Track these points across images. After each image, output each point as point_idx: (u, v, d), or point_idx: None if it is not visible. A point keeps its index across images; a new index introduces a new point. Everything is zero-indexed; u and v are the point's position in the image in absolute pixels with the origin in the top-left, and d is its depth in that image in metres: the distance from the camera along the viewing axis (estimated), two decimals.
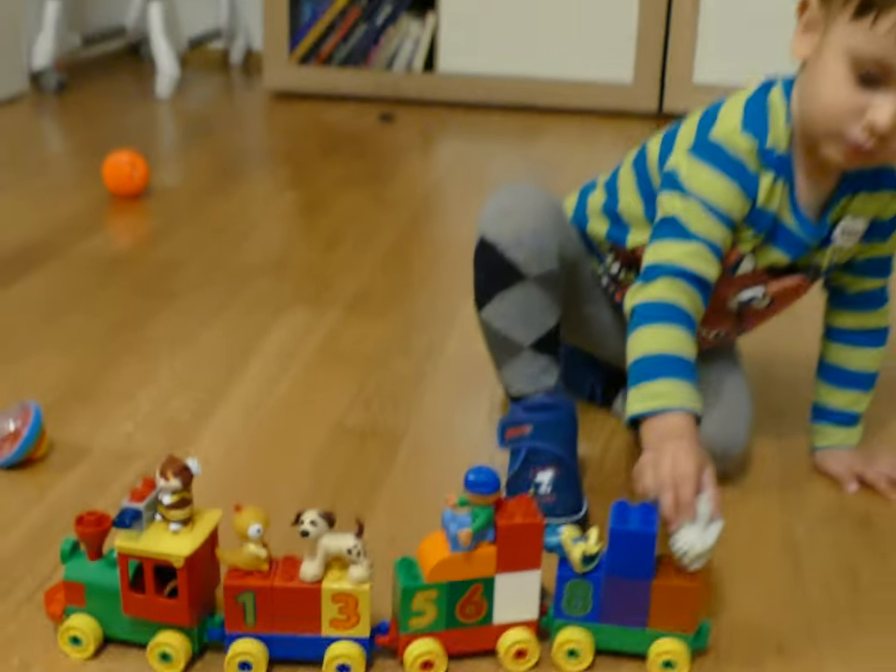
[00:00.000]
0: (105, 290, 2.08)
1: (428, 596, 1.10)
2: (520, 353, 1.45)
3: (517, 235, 1.41)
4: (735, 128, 1.33)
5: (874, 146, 1.24)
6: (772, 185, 1.34)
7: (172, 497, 1.07)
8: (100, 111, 3.61)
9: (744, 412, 1.50)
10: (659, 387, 1.25)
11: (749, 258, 1.39)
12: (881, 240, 1.44)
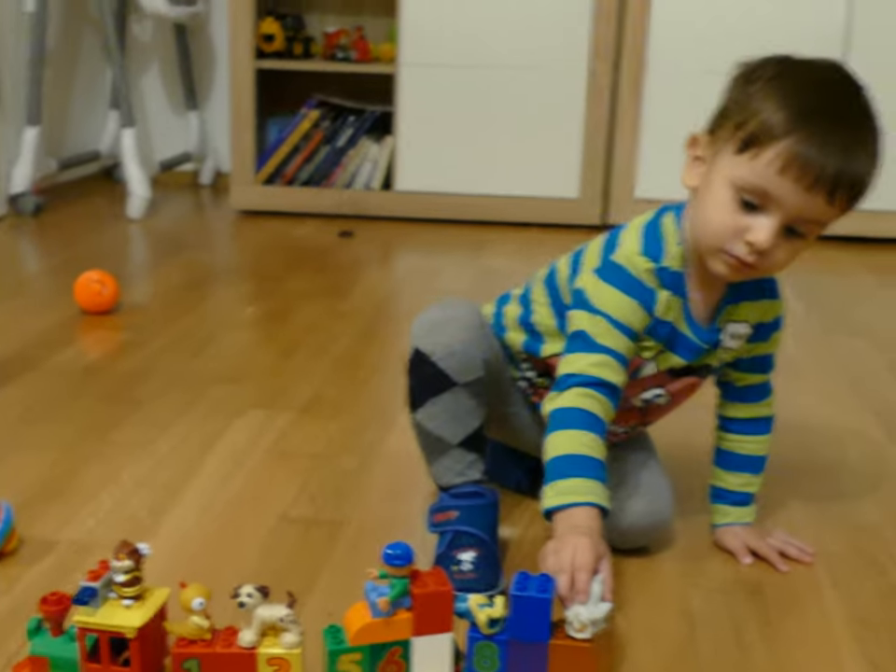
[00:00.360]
0: (75, 399, 2.22)
1: (353, 658, 1.23)
2: (449, 450, 1.60)
3: (448, 347, 1.56)
4: (634, 251, 1.50)
5: (755, 261, 1.41)
6: (668, 299, 1.50)
7: (124, 576, 1.21)
8: (75, 232, 3.75)
9: (665, 493, 1.65)
10: (570, 485, 1.41)
11: (651, 362, 1.56)
12: (763, 341, 1.61)
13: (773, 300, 1.60)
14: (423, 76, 3.96)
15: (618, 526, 1.59)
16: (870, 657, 1.40)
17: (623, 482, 1.63)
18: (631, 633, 1.44)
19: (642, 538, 1.64)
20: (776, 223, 1.38)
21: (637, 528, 1.62)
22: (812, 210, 1.38)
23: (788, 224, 1.39)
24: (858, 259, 3.66)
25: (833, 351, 2.68)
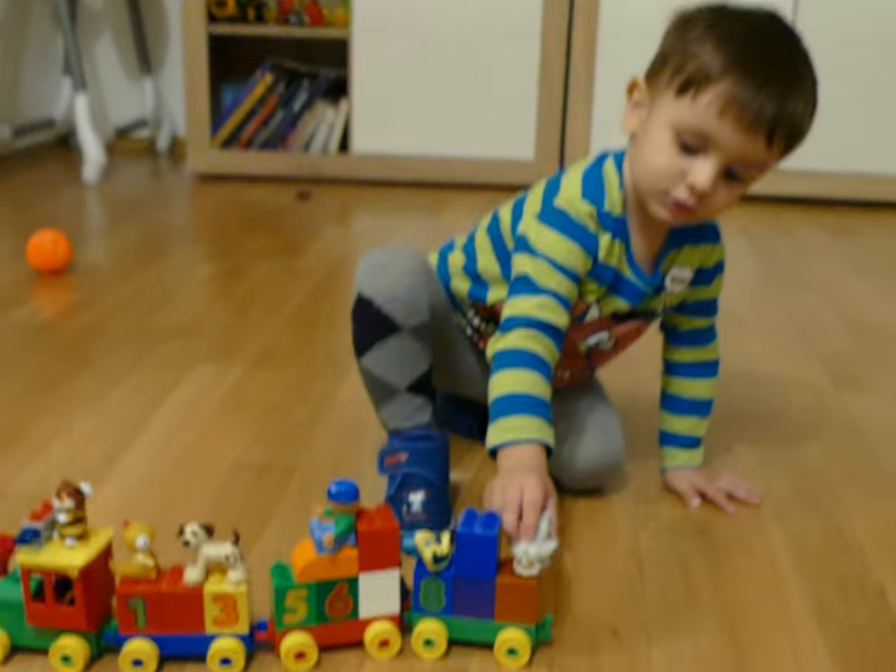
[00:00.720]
0: (27, 356, 2.21)
1: (299, 595, 1.24)
2: (396, 395, 1.60)
3: (393, 291, 1.56)
4: (576, 196, 1.51)
5: (695, 203, 1.42)
6: (610, 243, 1.51)
7: (67, 516, 1.20)
8: (29, 197, 3.73)
9: (617, 436, 1.67)
10: (513, 422, 1.42)
11: (595, 307, 1.56)
12: (706, 285, 1.63)
13: (714, 243, 1.61)
14: (377, 39, 3.95)
15: (571, 470, 1.61)
16: (816, 594, 1.42)
17: (576, 426, 1.64)
18: (579, 571, 1.46)
19: (595, 479, 1.66)
20: (716, 165, 1.38)
21: (591, 471, 1.63)
22: (751, 152, 1.38)
23: (727, 167, 1.39)
24: (809, 219, 3.69)
25: (784, 304, 2.70)
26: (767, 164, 1.42)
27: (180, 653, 1.24)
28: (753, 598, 1.40)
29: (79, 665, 1.23)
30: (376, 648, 1.27)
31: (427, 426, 1.61)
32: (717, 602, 1.40)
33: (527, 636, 1.26)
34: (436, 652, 1.28)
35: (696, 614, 1.37)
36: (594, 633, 1.33)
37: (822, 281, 2.94)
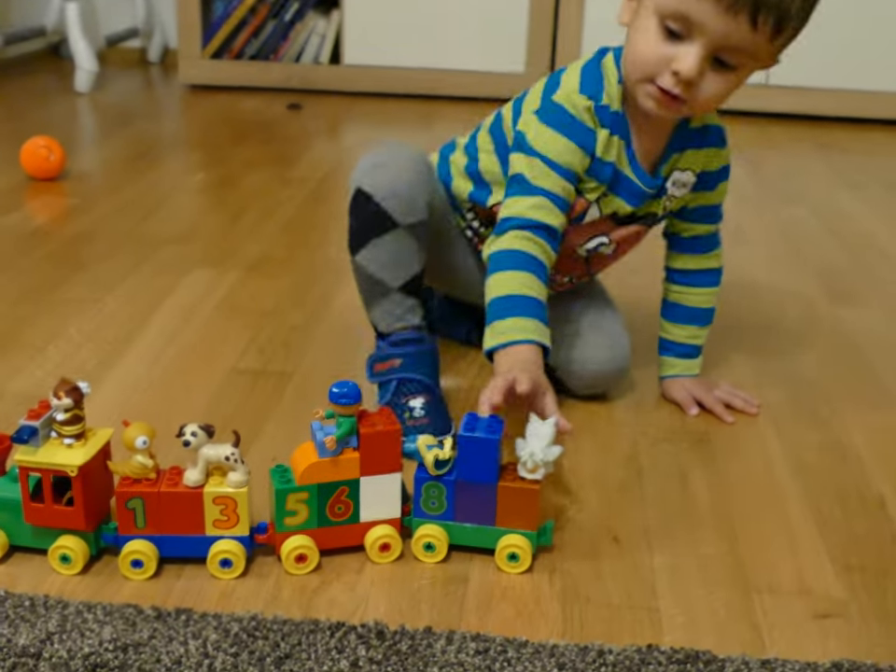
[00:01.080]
0: (21, 260, 2.19)
1: (300, 497, 1.23)
2: (389, 294, 1.59)
3: (392, 187, 1.54)
4: (573, 89, 1.48)
5: (681, 92, 1.38)
6: (608, 139, 1.49)
7: (65, 415, 1.19)
8: (21, 105, 3.69)
9: (623, 340, 1.66)
10: (508, 324, 1.42)
11: (595, 206, 1.54)
12: (709, 190, 1.60)
13: (718, 147, 1.58)
14: None
15: (578, 373, 1.62)
16: (815, 504, 1.42)
17: (582, 329, 1.64)
18: (578, 478, 1.45)
19: (602, 384, 1.65)
20: (700, 50, 1.34)
21: (598, 374, 1.63)
22: (736, 36, 1.33)
23: (714, 52, 1.35)
24: (796, 135, 3.66)
25: (776, 219, 2.68)
26: (758, 50, 1.36)
27: (180, 555, 1.24)
28: (752, 508, 1.40)
29: (78, 566, 1.22)
30: (377, 552, 1.27)
31: (417, 328, 1.60)
32: (716, 511, 1.39)
33: (529, 541, 1.26)
34: (436, 557, 1.27)
35: (696, 522, 1.37)
36: (594, 539, 1.32)
37: (812, 196, 2.92)
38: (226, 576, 1.23)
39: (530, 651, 1.12)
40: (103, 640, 1.11)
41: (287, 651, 1.10)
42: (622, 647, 1.12)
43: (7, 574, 1.22)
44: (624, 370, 1.66)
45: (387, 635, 1.13)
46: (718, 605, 1.21)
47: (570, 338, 1.62)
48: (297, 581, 1.23)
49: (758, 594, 1.23)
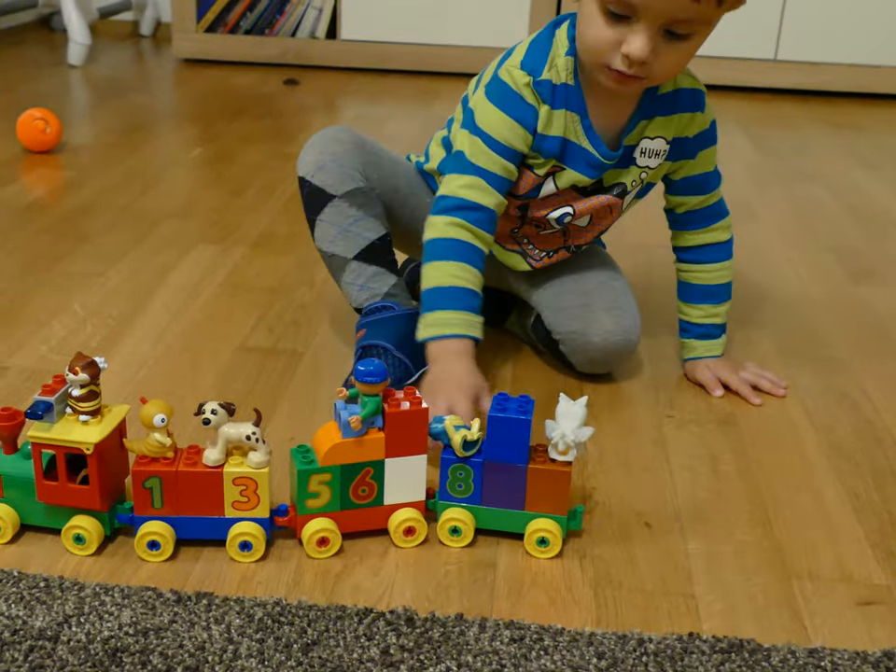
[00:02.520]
0: (19, 233, 2.14)
1: (323, 479, 1.18)
2: (347, 266, 1.58)
3: (318, 162, 1.57)
4: (515, 64, 1.46)
5: (637, 71, 1.35)
6: (549, 114, 1.45)
7: (81, 390, 1.14)
8: (13, 78, 3.64)
9: (632, 311, 1.60)
10: (438, 317, 1.43)
11: (550, 180, 1.51)
12: (689, 158, 1.55)
13: (692, 112, 1.52)
14: None
15: (585, 345, 1.57)
16: (850, 487, 1.38)
17: (589, 301, 1.59)
18: (604, 461, 1.41)
19: (611, 359, 1.59)
20: (647, 32, 1.31)
21: (605, 347, 1.57)
22: (680, 9, 1.29)
23: (663, 28, 1.32)
24: (807, 111, 3.63)
25: (790, 197, 2.64)
26: (708, 17, 1.33)
27: (197, 537, 1.20)
28: (786, 492, 1.36)
29: (92, 546, 1.18)
30: (401, 536, 1.23)
31: (386, 296, 1.58)
32: (749, 495, 1.35)
33: (559, 525, 1.22)
34: (463, 541, 1.23)
35: (729, 507, 1.33)
36: (625, 524, 1.28)
37: (826, 173, 2.88)
38: (245, 559, 1.19)
39: (567, 638, 1.08)
40: (122, 624, 1.07)
41: (314, 638, 1.06)
42: (662, 635, 1.08)
43: (19, 553, 1.18)
44: (632, 343, 1.59)
45: (417, 622, 1.09)
46: (756, 591, 1.17)
47: (573, 310, 1.58)
48: (319, 565, 1.19)
49: (798, 580, 1.19)
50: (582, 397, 1.22)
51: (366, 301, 1.57)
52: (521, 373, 1.64)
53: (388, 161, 1.65)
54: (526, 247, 1.59)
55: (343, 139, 1.59)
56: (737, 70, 3.75)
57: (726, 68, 3.73)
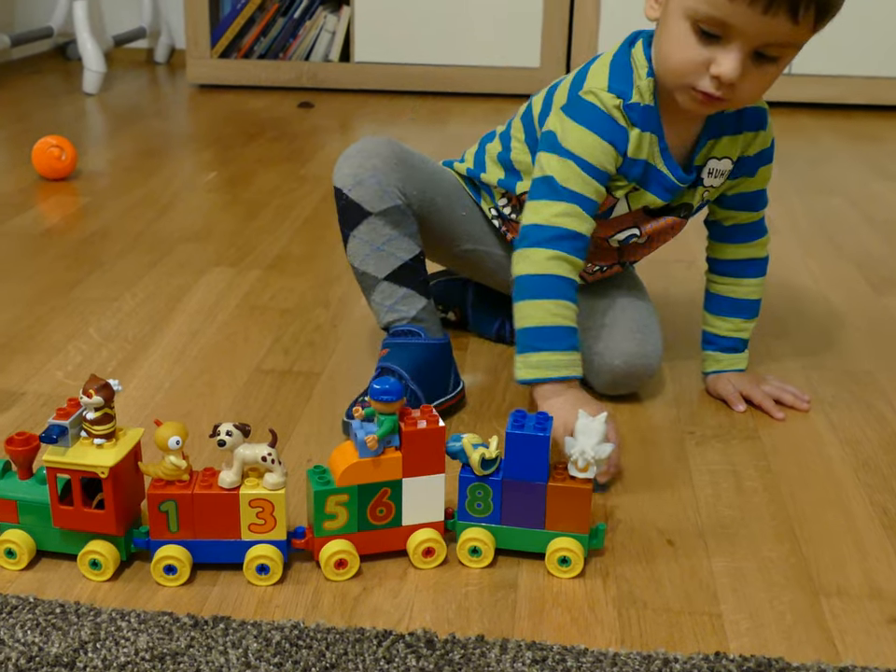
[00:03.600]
0: (35, 260, 2.14)
1: (340, 500, 1.17)
2: (377, 285, 1.56)
3: (356, 177, 1.53)
4: (602, 87, 1.42)
5: (724, 94, 1.33)
6: (640, 136, 1.43)
7: (95, 413, 1.13)
8: (29, 106, 3.64)
9: (655, 334, 1.59)
10: (542, 358, 1.40)
11: (624, 201, 1.49)
12: (748, 176, 1.54)
13: (756, 132, 1.51)
14: None
15: (606, 367, 1.55)
16: (879, 503, 1.35)
17: (612, 322, 1.57)
18: (626, 477, 1.39)
19: (632, 381, 1.58)
20: (739, 53, 1.29)
21: (626, 369, 1.55)
22: (777, 33, 1.28)
23: (755, 50, 1.30)
24: (825, 124, 3.61)
25: (810, 209, 2.62)
26: (800, 41, 1.31)
27: (214, 560, 1.18)
28: (812, 507, 1.34)
29: (109, 572, 1.17)
30: (420, 557, 1.21)
31: (414, 320, 1.56)
32: (774, 511, 1.33)
33: (580, 544, 1.20)
34: (483, 562, 1.21)
35: (753, 523, 1.30)
36: (648, 541, 1.26)
37: (846, 185, 2.86)
38: (263, 583, 1.17)
39: (590, 659, 1.06)
40: (139, 649, 1.05)
41: (332, 661, 1.05)
42: (687, 655, 1.06)
43: (35, 580, 1.17)
44: (653, 367, 1.57)
45: (437, 644, 1.07)
46: (784, 609, 1.14)
47: (595, 330, 1.57)
48: (337, 587, 1.17)
49: (826, 597, 1.16)
50: (601, 413, 1.20)
51: (393, 322, 1.56)
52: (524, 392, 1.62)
53: (428, 173, 1.62)
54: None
55: (383, 153, 1.55)
56: None
57: None
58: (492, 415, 1.55)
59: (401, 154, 1.58)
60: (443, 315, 1.83)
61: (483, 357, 1.73)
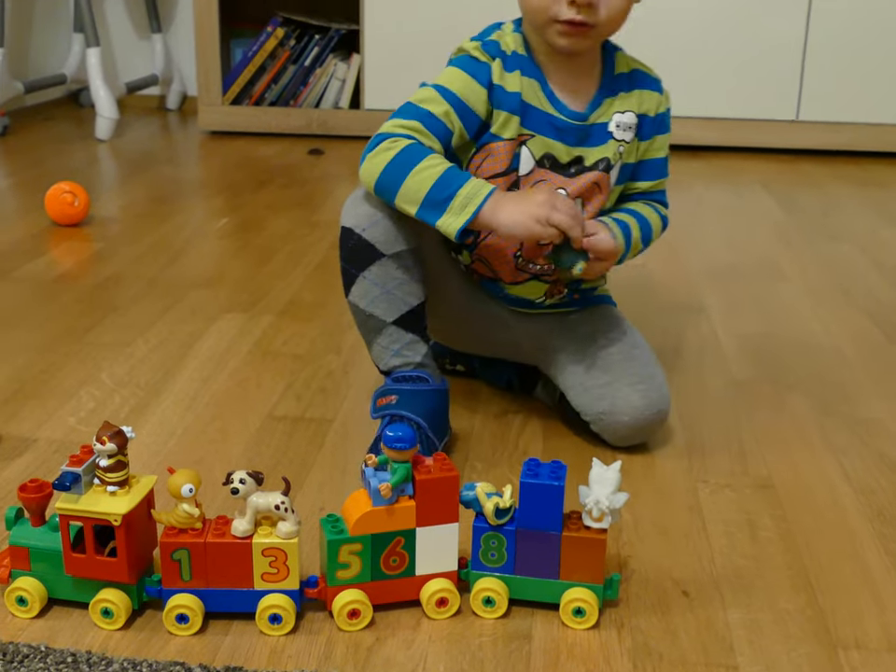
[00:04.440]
0: (48, 306, 2.14)
1: (353, 549, 1.16)
2: (384, 329, 1.54)
3: (372, 217, 1.50)
4: (466, 40, 1.53)
5: (586, 17, 1.42)
6: (502, 70, 1.49)
7: (108, 460, 1.13)
8: (42, 152, 3.66)
9: (660, 384, 1.57)
10: (459, 199, 1.41)
11: (526, 150, 1.51)
12: (653, 136, 1.58)
13: (650, 90, 1.57)
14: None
15: (616, 426, 1.54)
16: (894, 553, 1.34)
17: (614, 378, 1.56)
18: (640, 528, 1.39)
19: (643, 432, 1.57)
20: None
21: (635, 423, 1.54)
22: None
23: None
24: (831, 171, 3.60)
25: (819, 257, 2.61)
26: None
27: (227, 609, 1.17)
28: (828, 558, 1.33)
29: (120, 620, 1.16)
30: (433, 607, 1.20)
31: (419, 366, 1.55)
32: (789, 561, 1.32)
33: (595, 595, 1.19)
34: (496, 612, 1.21)
35: (769, 574, 1.29)
36: (663, 592, 1.25)
37: (853, 231, 2.86)
38: (275, 632, 1.16)
39: None
40: None
41: None
42: None
43: (46, 628, 1.16)
44: (663, 414, 1.56)
45: None
46: (802, 662, 1.13)
47: (597, 389, 1.55)
48: (350, 637, 1.16)
49: (844, 650, 1.15)
50: (616, 462, 1.19)
51: (398, 367, 1.55)
52: (552, 441, 1.61)
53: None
54: (534, 269, 1.57)
55: None
56: (759, 131, 3.75)
57: (748, 129, 3.74)
58: (504, 463, 1.54)
59: None
60: (452, 368, 1.83)
61: (494, 404, 1.72)
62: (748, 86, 3.70)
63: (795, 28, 3.63)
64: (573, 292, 1.65)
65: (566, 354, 1.61)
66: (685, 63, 3.66)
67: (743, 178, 2.94)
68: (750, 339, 2.00)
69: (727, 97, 3.71)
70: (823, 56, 3.62)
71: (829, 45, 3.61)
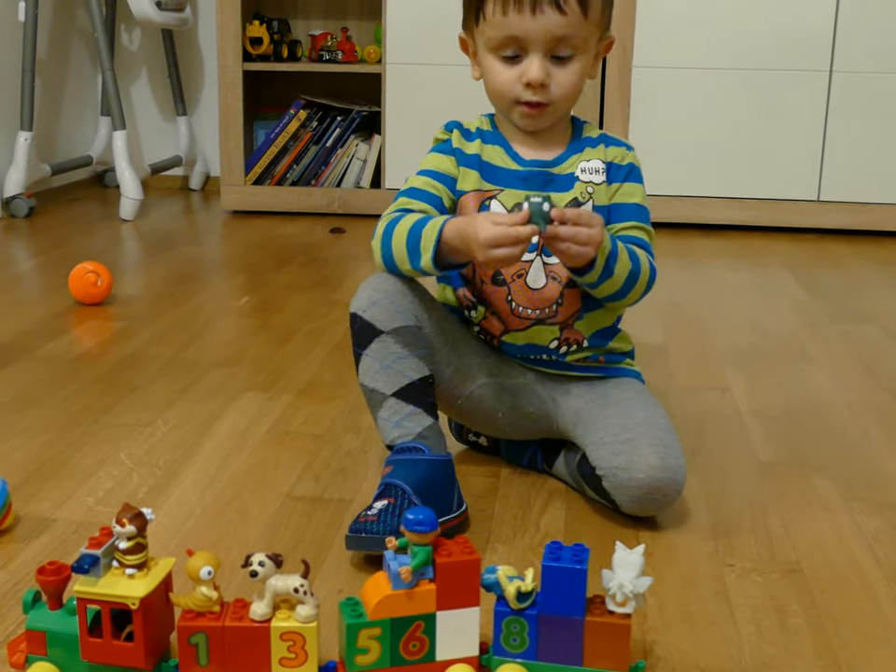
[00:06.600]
0: (69, 384, 2.14)
1: (372, 633, 1.14)
2: (384, 401, 1.57)
3: (370, 298, 1.59)
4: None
5: (542, 97, 1.57)
6: (461, 138, 1.67)
7: (127, 543, 1.12)
8: (67, 233, 3.69)
9: (676, 449, 1.55)
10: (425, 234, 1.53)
11: (497, 204, 1.60)
12: (621, 181, 1.64)
13: (618, 147, 1.67)
14: (408, 73, 3.91)
15: (630, 483, 1.52)
16: None
17: (633, 436, 1.54)
18: (665, 614, 1.36)
19: (656, 497, 1.53)
20: (537, 58, 1.55)
21: (650, 484, 1.51)
22: (555, 28, 1.53)
23: (548, 52, 1.55)
24: (856, 251, 3.59)
25: (844, 337, 2.59)
26: (583, 33, 1.55)
27: None
28: (860, 645, 1.29)
29: None
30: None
31: (419, 437, 1.56)
32: (819, 649, 1.29)
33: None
34: None
35: (799, 663, 1.26)
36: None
37: (879, 312, 2.84)
38: None
39: None
40: None
41: None
42: None
43: None
44: (677, 482, 1.54)
45: None
46: None
47: (617, 444, 1.54)
48: None
49: None
50: (640, 545, 1.17)
51: (398, 438, 1.57)
52: (574, 523, 1.59)
53: (437, 302, 1.68)
54: (533, 314, 1.62)
55: (397, 281, 1.60)
56: (782, 211, 3.76)
57: (770, 209, 3.75)
58: (526, 546, 1.51)
59: (415, 286, 1.63)
60: (475, 440, 1.81)
61: (515, 485, 1.71)
62: (769, 167, 3.71)
63: (816, 106, 3.65)
64: (598, 354, 1.66)
65: (589, 412, 1.62)
66: (707, 144, 3.67)
67: (766, 258, 2.92)
68: (775, 419, 1.98)
69: (749, 177, 3.72)
70: (844, 136, 3.64)
71: (849, 125, 3.63)
